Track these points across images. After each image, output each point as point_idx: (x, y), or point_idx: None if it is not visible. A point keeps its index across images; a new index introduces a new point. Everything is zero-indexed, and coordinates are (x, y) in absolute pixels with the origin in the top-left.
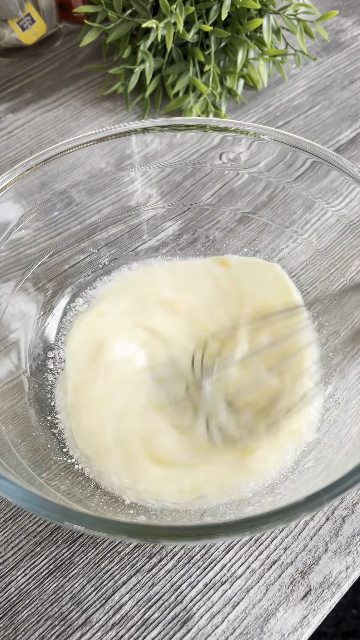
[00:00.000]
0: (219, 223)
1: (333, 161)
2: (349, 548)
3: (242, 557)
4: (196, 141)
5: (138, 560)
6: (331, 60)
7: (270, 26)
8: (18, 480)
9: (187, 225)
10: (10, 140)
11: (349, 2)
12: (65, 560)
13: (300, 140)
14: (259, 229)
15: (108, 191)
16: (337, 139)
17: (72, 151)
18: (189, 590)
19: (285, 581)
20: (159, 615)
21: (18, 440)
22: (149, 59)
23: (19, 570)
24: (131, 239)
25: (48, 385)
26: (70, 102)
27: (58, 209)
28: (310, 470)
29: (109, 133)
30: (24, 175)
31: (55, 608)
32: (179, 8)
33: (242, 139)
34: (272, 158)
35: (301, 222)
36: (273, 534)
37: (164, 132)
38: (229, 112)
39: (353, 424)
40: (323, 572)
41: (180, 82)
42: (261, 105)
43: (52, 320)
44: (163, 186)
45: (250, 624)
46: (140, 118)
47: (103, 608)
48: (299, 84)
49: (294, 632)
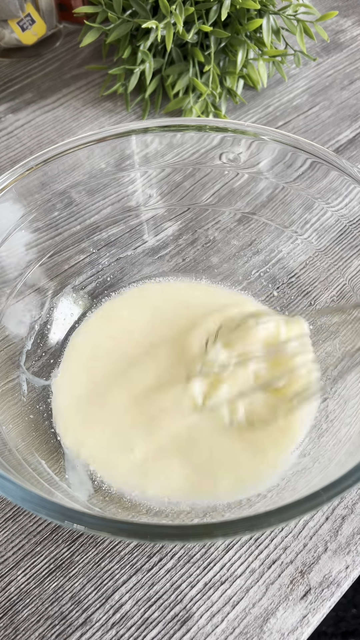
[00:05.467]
0: (219, 223)
1: (333, 161)
2: (349, 547)
3: (242, 556)
4: (196, 141)
5: (138, 559)
6: (331, 61)
7: (270, 26)
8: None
9: (187, 225)
10: (10, 141)
11: (348, 3)
12: (65, 560)
13: (299, 140)
14: (258, 229)
15: (108, 191)
16: (337, 139)
17: (72, 151)
18: (188, 589)
19: (285, 580)
20: (159, 614)
21: (18, 440)
22: (148, 59)
23: (19, 570)
24: (131, 239)
25: (48, 385)
26: (70, 102)
27: (58, 209)
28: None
29: (109, 133)
30: (24, 176)
31: (55, 607)
32: (178, 8)
33: (242, 139)
34: (272, 158)
35: (301, 222)
36: (273, 534)
37: (164, 132)
38: (229, 112)
39: (353, 424)
40: (323, 572)
41: (180, 82)
42: (261, 105)
43: (51, 320)
44: (163, 186)
45: (250, 623)
46: (140, 118)
47: (103, 607)
48: (299, 84)
49: (293, 632)
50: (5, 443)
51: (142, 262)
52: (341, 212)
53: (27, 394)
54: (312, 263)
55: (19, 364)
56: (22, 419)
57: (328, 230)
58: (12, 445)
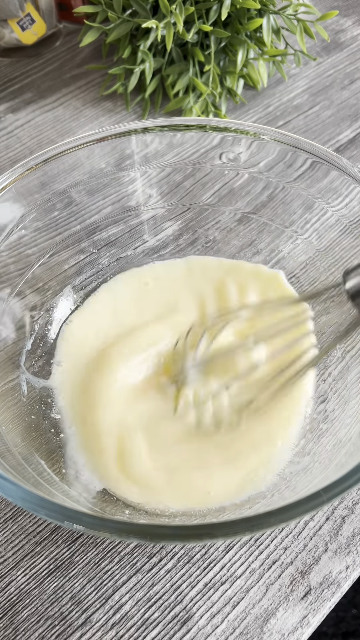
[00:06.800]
0: (219, 223)
1: (333, 161)
2: (349, 548)
3: (242, 557)
4: (196, 141)
5: (138, 560)
6: (331, 60)
7: (270, 26)
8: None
9: (187, 225)
10: (10, 140)
11: (348, 2)
12: (65, 560)
13: (300, 140)
14: (258, 229)
15: (108, 191)
16: (337, 138)
17: (72, 151)
18: (189, 590)
19: (285, 581)
20: (159, 615)
21: (18, 440)
22: (149, 59)
23: (19, 570)
24: (131, 239)
25: (47, 386)
26: (70, 102)
27: (58, 209)
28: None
29: (109, 133)
30: (24, 175)
31: (55, 608)
32: (178, 8)
33: (242, 139)
34: (272, 158)
35: (301, 222)
36: (273, 534)
37: (164, 132)
38: (229, 112)
39: (353, 424)
40: (323, 572)
41: (180, 82)
42: (261, 105)
43: (51, 320)
44: (163, 186)
45: (250, 623)
46: (140, 118)
47: (103, 608)
48: (299, 84)
49: (293, 632)
50: (5, 443)
51: (142, 262)
52: (341, 212)
53: (27, 394)
54: (313, 263)
55: (19, 364)
56: (22, 419)
57: (328, 230)
58: (11, 446)
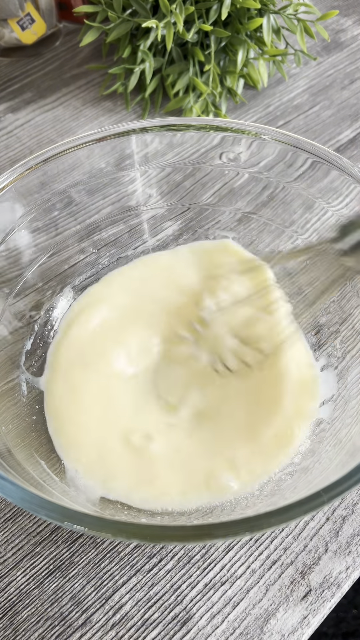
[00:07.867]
0: (219, 223)
1: (333, 161)
2: (349, 548)
3: (242, 557)
4: (196, 141)
5: (138, 560)
6: (331, 60)
7: (270, 26)
8: (18, 480)
9: (187, 225)
10: (10, 140)
11: (349, 2)
12: (65, 561)
13: (300, 140)
14: (259, 229)
15: (108, 191)
16: (337, 138)
17: (72, 151)
18: (188, 590)
19: (286, 581)
20: (158, 615)
21: (18, 441)
22: (149, 58)
23: (19, 571)
24: (131, 239)
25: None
26: (70, 101)
27: (58, 209)
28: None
29: (109, 133)
30: (23, 175)
31: (55, 608)
32: (179, 8)
33: (242, 138)
34: (272, 158)
35: (301, 222)
36: (273, 534)
37: (164, 132)
38: (229, 112)
39: (353, 424)
40: (323, 573)
41: (180, 81)
42: (261, 105)
43: (51, 320)
44: (163, 186)
45: (250, 624)
46: (140, 118)
47: (103, 608)
48: (299, 84)
49: (294, 633)
50: (5, 443)
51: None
52: (342, 212)
53: (27, 394)
54: (313, 263)
55: (19, 364)
56: (22, 419)
57: (329, 230)
58: (11, 446)
